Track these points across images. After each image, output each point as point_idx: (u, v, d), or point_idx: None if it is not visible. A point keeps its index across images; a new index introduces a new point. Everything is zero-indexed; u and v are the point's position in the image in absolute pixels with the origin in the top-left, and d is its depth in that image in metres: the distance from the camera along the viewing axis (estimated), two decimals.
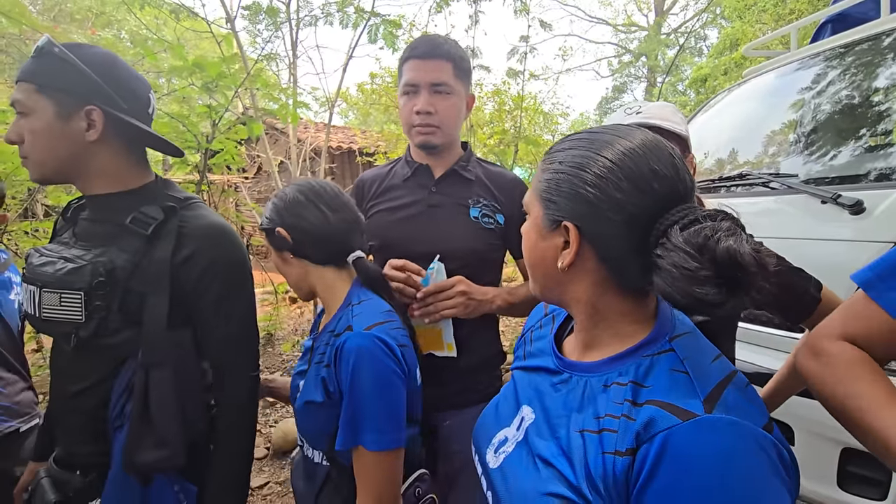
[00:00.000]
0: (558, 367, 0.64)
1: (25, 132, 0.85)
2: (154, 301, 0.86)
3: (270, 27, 3.31)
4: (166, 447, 0.84)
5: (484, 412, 0.72)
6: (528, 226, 0.62)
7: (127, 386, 0.87)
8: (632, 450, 0.48)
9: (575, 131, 0.63)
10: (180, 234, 0.89)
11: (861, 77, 1.74)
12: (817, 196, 1.38)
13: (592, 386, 0.58)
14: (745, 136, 2.10)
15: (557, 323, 0.72)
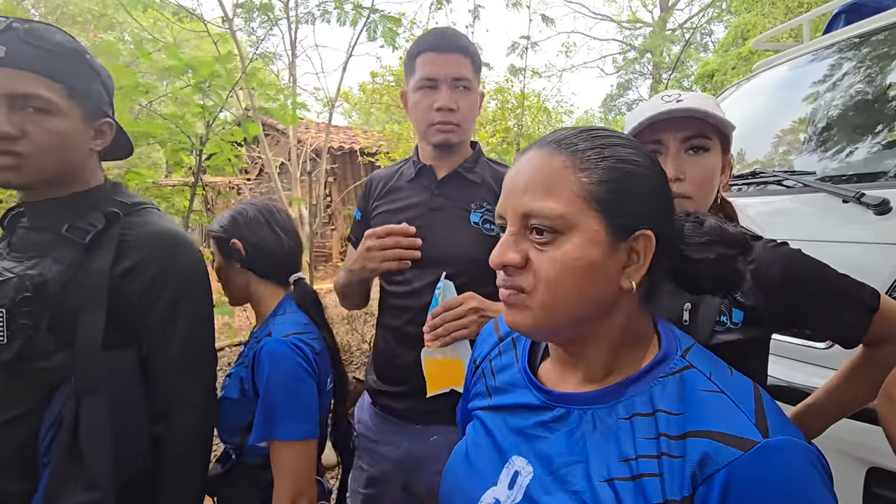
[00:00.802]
0: (545, 401, 0.54)
1: (41, 131, 0.76)
2: (88, 318, 0.77)
3: (265, 24, 3.25)
4: (97, 489, 0.74)
5: (450, 467, 0.60)
6: (579, 247, 0.47)
7: (57, 417, 0.76)
8: (687, 498, 0.41)
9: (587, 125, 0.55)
10: (122, 243, 0.81)
11: (879, 68, 1.64)
12: (838, 195, 1.29)
13: (603, 420, 0.48)
14: (757, 131, 2.01)
15: (524, 348, 0.62)
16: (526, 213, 0.49)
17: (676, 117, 0.77)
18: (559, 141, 0.51)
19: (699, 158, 0.79)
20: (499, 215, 0.54)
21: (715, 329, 0.74)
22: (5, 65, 0.73)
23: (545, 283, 0.48)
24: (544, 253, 0.48)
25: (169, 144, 2.70)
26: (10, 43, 0.73)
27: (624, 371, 0.52)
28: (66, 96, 0.78)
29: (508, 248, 0.50)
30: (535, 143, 0.54)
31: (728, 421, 0.43)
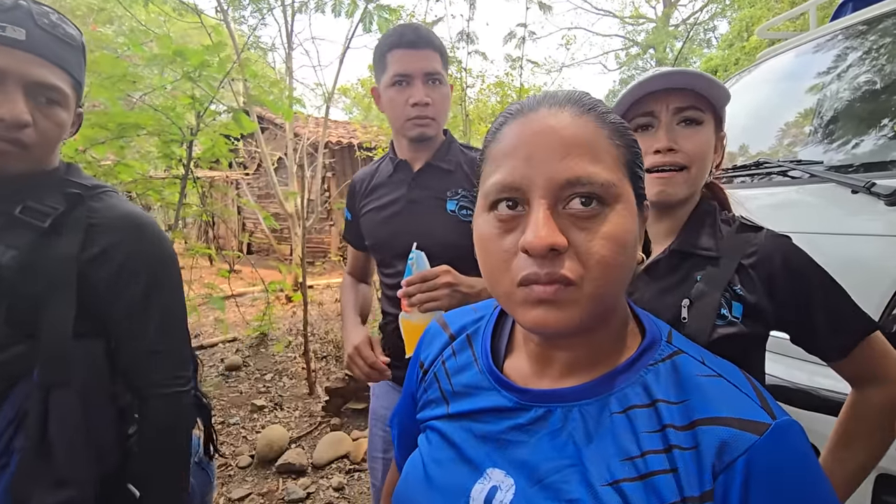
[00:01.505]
0: (519, 402, 0.47)
1: (48, 122, 0.74)
2: (55, 307, 0.72)
3: (256, 14, 3.18)
4: (70, 486, 0.69)
5: (405, 489, 0.51)
6: (627, 218, 0.42)
7: (17, 414, 0.71)
8: (708, 492, 0.38)
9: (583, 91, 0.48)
10: (90, 226, 0.76)
11: (888, 55, 1.56)
12: (847, 185, 1.22)
13: (594, 416, 0.43)
14: (762, 121, 1.94)
15: (484, 345, 0.54)
16: (571, 180, 0.40)
17: (669, 88, 0.73)
18: (578, 101, 0.44)
19: (693, 131, 0.75)
20: (513, 187, 0.42)
21: (716, 323, 0.69)
22: (25, 49, 0.70)
23: (600, 267, 0.40)
24: (590, 230, 0.40)
25: (160, 136, 2.64)
26: (29, 26, 0.70)
27: (610, 360, 0.46)
28: (71, 88, 0.77)
29: (554, 228, 0.39)
30: (536, 100, 0.45)
31: (736, 406, 0.40)
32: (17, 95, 0.69)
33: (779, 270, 0.70)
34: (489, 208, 0.44)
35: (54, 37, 0.73)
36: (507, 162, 0.42)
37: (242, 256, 3.59)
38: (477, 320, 0.58)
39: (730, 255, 0.72)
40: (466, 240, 1.10)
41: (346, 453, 2.45)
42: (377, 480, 1.29)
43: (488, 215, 0.44)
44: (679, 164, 0.74)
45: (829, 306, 0.71)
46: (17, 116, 0.69)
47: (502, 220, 0.43)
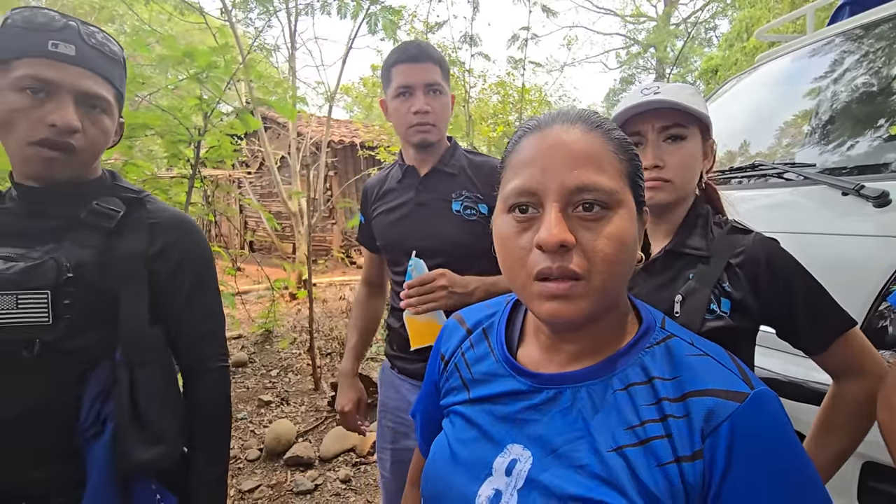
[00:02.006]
0: (533, 385, 0.53)
1: (95, 129, 0.81)
2: (130, 297, 0.83)
3: (263, 16, 3.22)
4: (162, 443, 0.82)
5: (433, 467, 0.58)
6: (627, 221, 0.48)
7: (101, 391, 0.80)
8: (698, 451, 0.44)
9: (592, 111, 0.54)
10: (150, 226, 0.86)
11: (883, 60, 1.62)
12: (837, 187, 1.27)
13: (600, 394, 0.49)
14: (758, 124, 1.99)
15: (498, 337, 0.61)
16: (580, 186, 0.46)
17: (654, 109, 0.81)
18: (587, 119, 0.51)
19: (677, 146, 0.83)
20: (527, 192, 0.48)
21: (705, 317, 0.75)
22: (75, 63, 0.77)
23: (604, 263, 0.46)
24: (595, 231, 0.46)
25: (167, 136, 2.69)
26: (78, 43, 0.78)
27: (611, 346, 0.52)
28: (114, 97, 0.84)
29: (564, 227, 0.46)
30: (551, 117, 0.51)
31: (720, 379, 0.47)
32: (68, 104, 0.76)
33: (763, 270, 0.76)
34: (508, 210, 0.50)
35: (100, 52, 0.81)
36: (525, 171, 0.49)
37: (247, 255, 3.64)
38: (491, 315, 0.65)
39: (720, 255, 0.79)
40: (470, 238, 1.19)
41: (353, 447, 2.51)
42: (385, 471, 1.36)
43: (507, 216, 0.51)
44: (664, 179, 0.82)
45: (811, 304, 0.77)
46: (68, 122, 0.76)
47: (519, 220, 0.49)
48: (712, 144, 0.90)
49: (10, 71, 0.75)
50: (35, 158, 0.77)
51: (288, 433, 2.56)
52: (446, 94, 1.23)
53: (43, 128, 0.75)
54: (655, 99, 0.80)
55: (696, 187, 0.88)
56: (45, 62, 0.75)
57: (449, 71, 1.28)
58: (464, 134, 4.45)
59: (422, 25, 4.82)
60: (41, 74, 0.74)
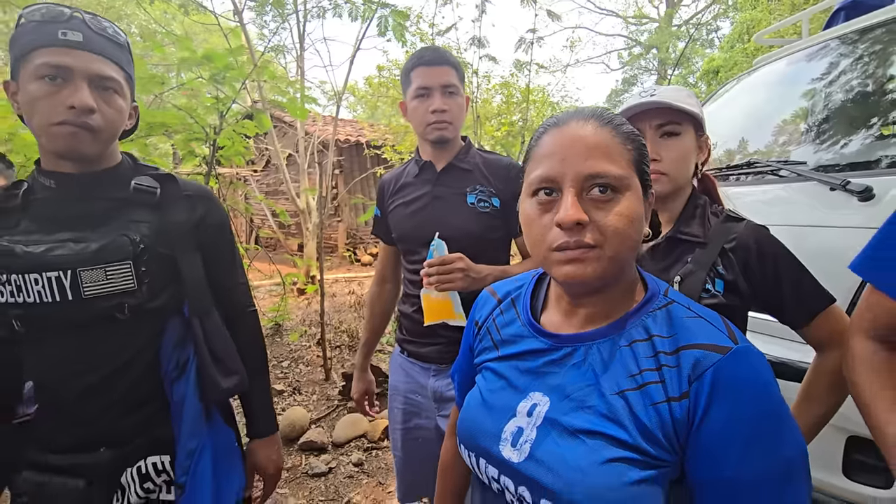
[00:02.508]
0: (552, 344, 0.63)
1: (110, 108, 0.88)
2: (187, 258, 0.96)
3: (277, 19, 3.31)
4: (235, 374, 0.99)
5: (467, 412, 0.68)
6: (634, 202, 0.57)
7: (177, 340, 0.95)
8: (685, 393, 0.53)
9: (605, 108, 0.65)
10: (187, 197, 0.98)
11: (874, 63, 1.70)
12: (826, 183, 1.36)
13: (608, 350, 0.59)
14: (756, 124, 2.08)
15: (524, 304, 0.71)
16: (592, 174, 0.56)
17: (650, 109, 0.92)
18: (600, 116, 0.59)
19: (672, 142, 0.93)
20: (549, 179, 0.58)
21: (702, 296, 0.85)
22: (84, 48, 0.84)
23: (615, 235, 0.55)
24: (606, 210, 0.56)
25: (182, 134, 2.78)
26: (84, 30, 0.85)
27: (620, 310, 0.61)
28: (124, 79, 0.91)
29: (578, 208, 0.55)
30: (568, 116, 0.61)
31: (709, 335, 0.55)
32: (83, 87, 0.84)
33: (753, 254, 0.87)
34: (532, 194, 0.60)
35: (105, 38, 0.88)
36: (546, 162, 0.59)
37: (260, 250, 3.73)
38: (519, 287, 0.76)
39: (715, 241, 0.89)
40: (482, 228, 1.32)
41: (364, 433, 2.61)
42: (397, 450, 1.46)
43: (531, 199, 0.61)
44: (661, 171, 0.92)
45: (794, 282, 0.87)
46: (84, 102, 0.83)
47: (541, 203, 0.59)
48: (706, 139, 1.00)
49: (29, 63, 0.83)
50: (59, 134, 0.83)
51: (301, 419, 2.66)
52: (461, 96, 1.32)
53: (63, 110, 0.82)
54: (651, 100, 0.91)
55: (693, 178, 0.98)
56: (57, 50, 0.82)
57: (464, 74, 1.38)
58: (471, 133, 4.54)
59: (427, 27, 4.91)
60: (55, 61, 0.82)
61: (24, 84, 0.83)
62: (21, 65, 0.84)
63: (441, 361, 1.34)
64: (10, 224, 0.88)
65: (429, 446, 1.37)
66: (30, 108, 0.84)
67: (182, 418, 0.93)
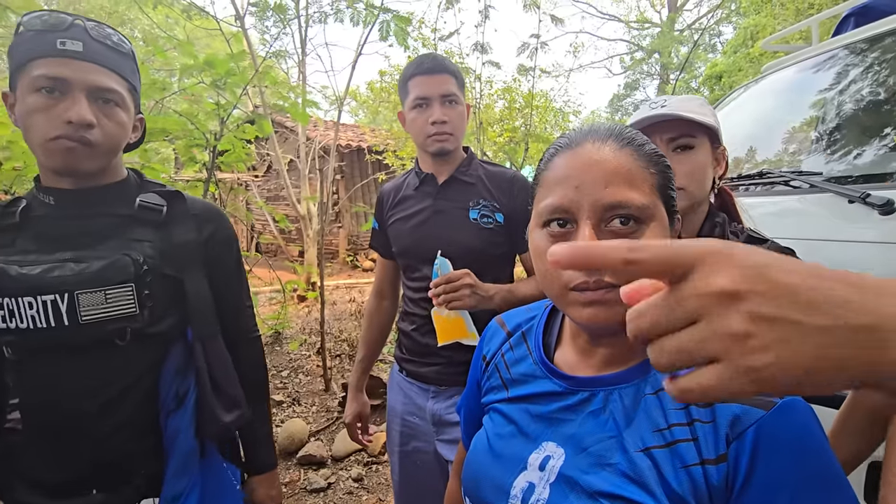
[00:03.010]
0: (568, 387, 0.56)
1: (111, 122, 0.83)
2: (193, 280, 0.91)
3: (279, 24, 3.29)
4: (237, 407, 0.93)
5: (473, 458, 0.62)
6: (659, 233, 0.51)
7: (178, 369, 0.89)
8: (723, 455, 0.46)
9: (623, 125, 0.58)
10: (194, 216, 0.94)
11: (888, 71, 1.66)
12: (844, 195, 1.31)
13: (631, 397, 0.52)
14: (765, 133, 2.03)
15: (536, 340, 0.64)
16: (612, 204, 0.49)
17: (660, 121, 0.85)
18: (618, 135, 0.53)
19: (685, 156, 0.87)
20: (563, 209, 0.51)
21: None
22: (83, 59, 0.80)
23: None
24: None
25: (183, 140, 2.75)
26: (85, 39, 0.80)
27: (644, 352, 0.55)
28: (127, 91, 0.87)
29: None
30: (582, 135, 0.54)
31: None
32: (81, 100, 0.79)
33: None
34: (542, 225, 0.54)
35: (107, 47, 0.83)
36: (558, 189, 0.52)
37: (261, 257, 3.69)
38: (530, 319, 0.69)
39: None
40: (486, 245, 1.26)
41: (364, 447, 2.56)
42: (395, 474, 1.40)
43: (542, 231, 0.54)
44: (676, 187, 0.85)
45: None
46: (82, 117, 0.78)
47: (554, 235, 0.52)
48: (723, 151, 0.93)
49: (26, 74, 0.79)
50: (56, 149, 0.79)
51: (301, 432, 2.61)
52: (462, 104, 1.28)
53: (60, 124, 0.78)
54: (662, 112, 0.85)
55: (710, 193, 0.92)
56: (55, 61, 0.78)
57: (464, 82, 1.33)
58: (474, 140, 4.51)
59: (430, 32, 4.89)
60: (52, 73, 0.77)
61: (22, 96, 0.79)
62: (19, 75, 0.80)
63: (440, 383, 1.29)
64: (6, 243, 0.84)
65: (427, 471, 1.31)
66: (27, 122, 0.79)
67: (172, 454, 0.86)
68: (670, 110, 0.85)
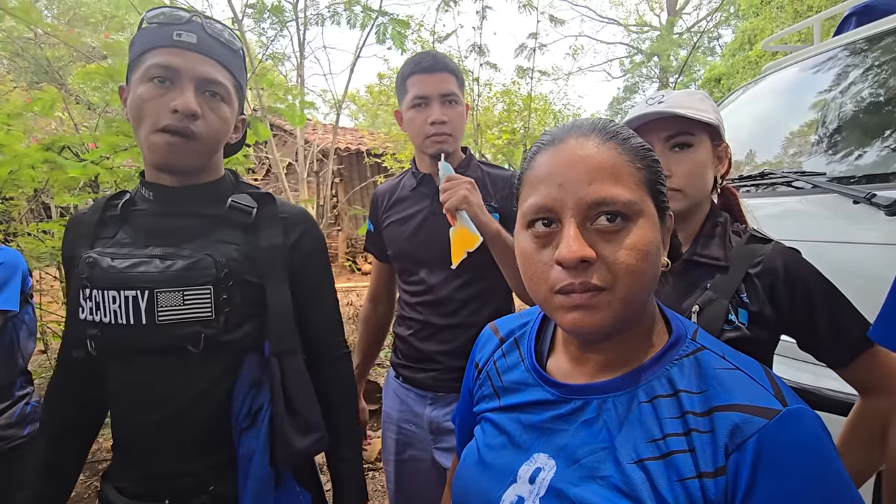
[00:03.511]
0: (560, 395, 0.53)
1: (215, 116, 0.82)
2: (276, 288, 0.85)
3: (276, 26, 3.28)
4: (314, 431, 0.84)
5: (463, 470, 0.59)
6: (648, 231, 0.48)
7: (252, 383, 0.82)
8: (721, 468, 0.43)
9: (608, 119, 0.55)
10: (282, 220, 0.89)
11: (890, 70, 1.63)
12: (848, 195, 1.28)
13: (625, 406, 0.49)
14: (766, 133, 2.01)
15: (528, 346, 0.61)
16: (597, 201, 0.47)
17: (657, 119, 0.81)
18: (602, 129, 0.50)
19: (684, 155, 0.83)
20: (546, 209, 0.49)
21: (724, 328, 0.75)
22: (196, 50, 0.80)
23: (627, 274, 0.46)
24: (616, 243, 0.47)
25: None
26: (199, 32, 0.81)
27: (639, 357, 0.52)
28: (233, 87, 0.86)
29: (582, 242, 0.46)
30: (565, 131, 0.52)
31: (750, 394, 0.45)
32: (189, 90, 0.79)
33: (781, 280, 0.76)
34: (527, 226, 0.51)
35: (219, 42, 0.84)
36: (542, 188, 0.49)
37: None
38: (523, 325, 0.66)
39: (738, 265, 0.78)
40: (482, 246, 1.19)
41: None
42: (390, 483, 1.35)
43: (526, 232, 0.51)
44: (672, 188, 0.81)
45: (832, 316, 0.75)
46: (188, 106, 0.78)
47: (538, 236, 0.50)
48: (725, 148, 0.89)
49: (141, 65, 0.80)
50: (159, 145, 0.78)
51: None
52: (461, 104, 1.24)
53: (166, 114, 0.77)
54: (658, 109, 0.81)
55: (712, 192, 0.89)
56: (169, 51, 0.79)
57: (464, 81, 1.30)
58: (472, 142, 4.49)
59: (429, 35, 4.88)
60: (165, 62, 0.78)
61: (134, 87, 0.80)
62: (134, 67, 0.81)
63: (438, 389, 1.25)
64: (108, 234, 0.85)
65: (425, 480, 1.28)
66: (136, 112, 0.79)
67: (248, 479, 0.79)
68: (667, 107, 0.81)
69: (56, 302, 3.09)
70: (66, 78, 5.88)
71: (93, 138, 2.57)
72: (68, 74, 6.52)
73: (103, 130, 2.64)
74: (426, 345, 1.25)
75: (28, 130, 2.55)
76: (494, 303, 1.27)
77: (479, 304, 1.24)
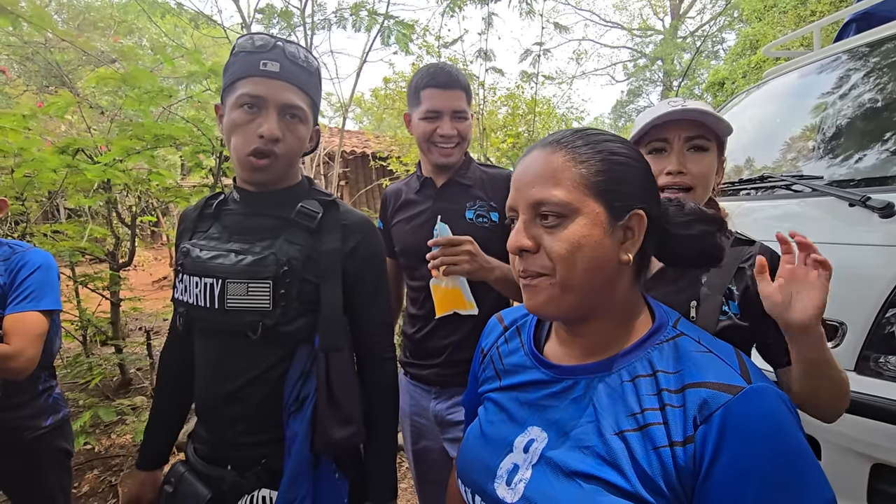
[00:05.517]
0: (553, 375, 0.60)
1: (293, 136, 0.91)
2: (329, 289, 0.92)
3: (285, 30, 3.34)
4: (352, 424, 0.91)
5: (466, 444, 0.66)
6: (584, 227, 0.54)
7: (302, 372, 0.91)
8: (690, 437, 0.48)
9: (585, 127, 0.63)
10: (343, 226, 0.96)
11: (889, 76, 1.67)
12: (845, 199, 1.32)
13: (609, 385, 0.55)
14: (767, 137, 2.04)
15: (528, 333, 0.69)
16: (536, 202, 0.56)
17: (681, 119, 0.87)
18: (558, 141, 0.59)
19: (700, 156, 0.89)
20: (510, 208, 0.59)
21: (719, 318, 0.82)
22: (279, 78, 0.89)
23: (560, 262, 0.54)
24: (554, 236, 0.55)
25: (189, 146, 2.79)
26: (282, 60, 0.90)
27: (622, 342, 0.58)
28: (309, 107, 0.95)
29: (522, 235, 0.56)
30: (537, 143, 0.61)
31: (718, 373, 0.51)
32: (273, 116, 0.88)
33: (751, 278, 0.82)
34: (510, 223, 0.61)
35: (299, 66, 0.92)
36: (511, 191, 0.60)
37: None
38: (525, 314, 0.73)
39: (728, 263, 0.85)
40: (483, 243, 1.26)
41: None
42: (412, 470, 1.47)
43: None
44: (686, 185, 0.87)
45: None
46: (272, 133, 0.88)
47: (513, 231, 0.59)
48: (723, 161, 0.97)
49: (234, 91, 0.89)
50: (248, 166, 0.90)
51: None
52: (469, 118, 1.33)
53: (254, 139, 0.88)
54: (685, 109, 0.86)
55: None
56: (256, 80, 0.88)
57: (472, 94, 1.37)
58: (477, 146, 4.54)
59: (434, 39, 4.94)
60: (253, 91, 0.87)
61: (229, 111, 0.90)
62: (228, 92, 0.91)
63: (441, 384, 1.33)
64: (203, 228, 0.99)
65: (439, 468, 1.36)
66: (229, 134, 0.90)
67: (290, 457, 0.88)
68: (692, 108, 0.87)
69: (70, 301, 3.15)
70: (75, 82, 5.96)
71: (105, 141, 2.64)
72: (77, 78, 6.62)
73: (116, 134, 2.70)
74: (429, 340, 1.33)
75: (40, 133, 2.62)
76: (493, 295, 1.31)
77: (477, 300, 1.29)
